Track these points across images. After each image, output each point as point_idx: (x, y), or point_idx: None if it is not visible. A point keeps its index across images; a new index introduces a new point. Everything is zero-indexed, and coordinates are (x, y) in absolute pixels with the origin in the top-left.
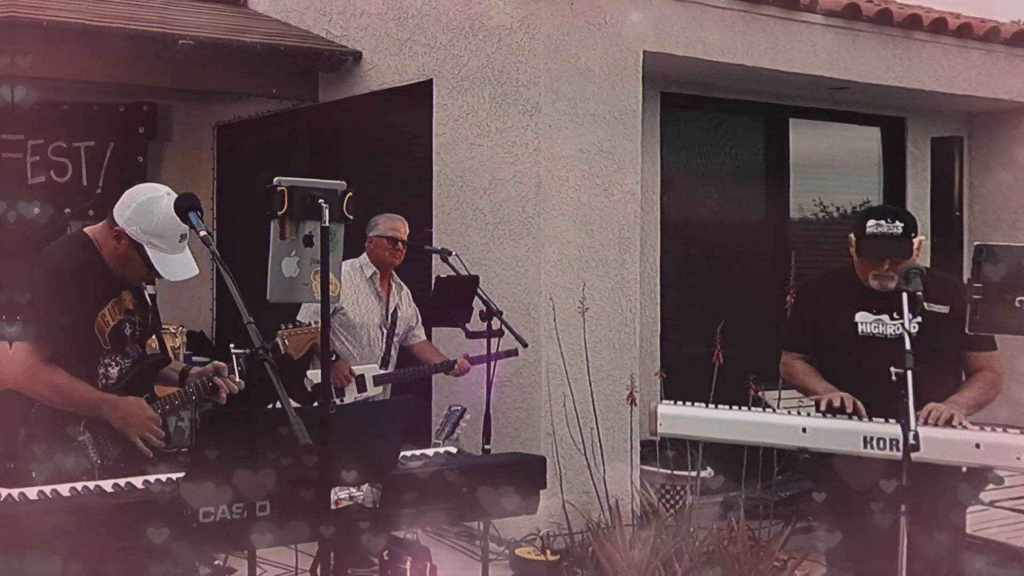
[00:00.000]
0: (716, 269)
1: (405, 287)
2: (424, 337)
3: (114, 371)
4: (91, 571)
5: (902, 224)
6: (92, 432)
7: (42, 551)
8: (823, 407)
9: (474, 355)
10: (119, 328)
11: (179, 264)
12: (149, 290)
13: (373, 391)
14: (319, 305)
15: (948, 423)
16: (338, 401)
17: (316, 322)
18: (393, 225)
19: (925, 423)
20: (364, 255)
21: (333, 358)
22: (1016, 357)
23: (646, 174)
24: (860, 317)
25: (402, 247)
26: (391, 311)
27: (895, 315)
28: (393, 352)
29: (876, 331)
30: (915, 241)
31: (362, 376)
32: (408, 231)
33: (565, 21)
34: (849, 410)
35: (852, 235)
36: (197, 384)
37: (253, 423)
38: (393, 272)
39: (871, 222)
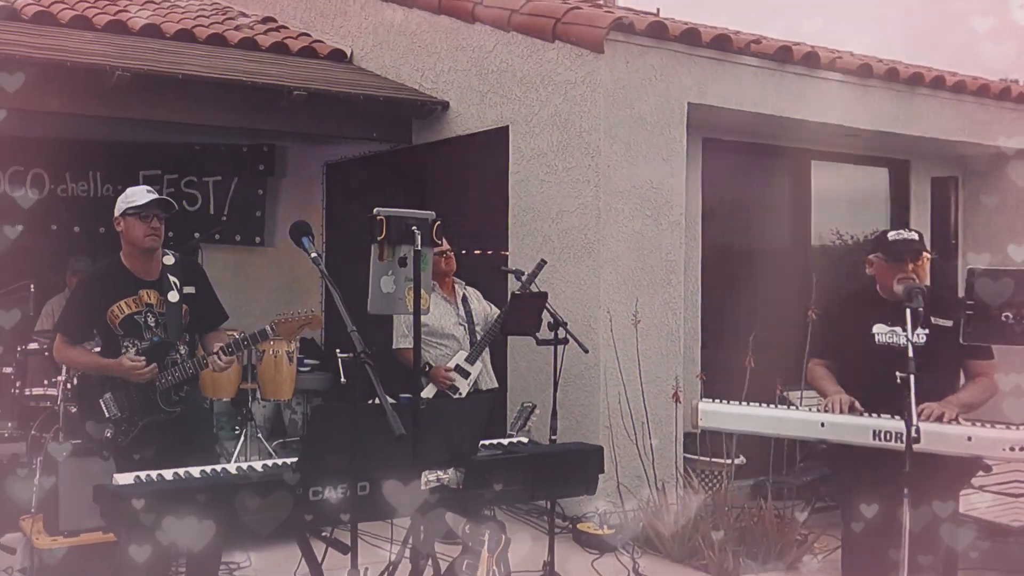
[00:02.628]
0: (749, 288)
1: (469, 287)
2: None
3: (132, 351)
4: (220, 539)
5: (917, 233)
6: (113, 392)
7: (180, 522)
8: (825, 410)
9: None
10: (132, 319)
11: (148, 197)
12: (172, 296)
13: (474, 371)
14: (402, 328)
15: (939, 419)
16: (460, 396)
17: (311, 310)
18: None
19: (918, 419)
20: None
21: (427, 368)
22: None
23: (690, 207)
24: (877, 328)
25: (450, 255)
26: (461, 305)
27: (906, 327)
28: (476, 336)
29: (891, 341)
30: (926, 256)
31: (458, 366)
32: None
33: (621, 77)
34: (845, 413)
35: (872, 255)
36: (196, 361)
37: (355, 416)
38: (453, 277)
39: (892, 233)
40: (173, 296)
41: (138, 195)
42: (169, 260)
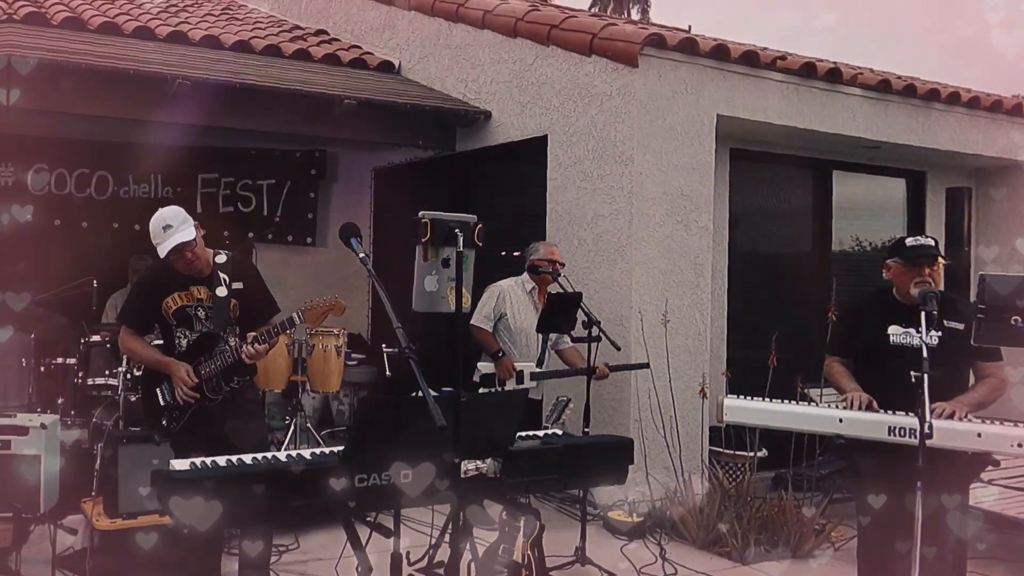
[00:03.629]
0: (772, 290)
1: None
2: (571, 344)
3: (184, 341)
4: (267, 521)
5: (933, 240)
6: (168, 381)
7: (230, 505)
8: (843, 406)
9: (613, 364)
10: (184, 310)
11: (166, 245)
12: (220, 291)
13: (529, 385)
14: (487, 310)
15: (950, 417)
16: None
17: (335, 296)
18: (549, 250)
19: (931, 417)
20: (525, 274)
21: (500, 355)
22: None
23: (717, 213)
24: (892, 330)
25: (559, 267)
26: None
27: (920, 329)
28: (547, 354)
29: (904, 341)
30: (941, 261)
31: (522, 372)
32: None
33: (654, 90)
34: (863, 410)
35: (889, 260)
36: (231, 348)
37: (399, 407)
38: (548, 289)
39: (909, 239)
40: (221, 291)
41: (158, 236)
42: (221, 259)
